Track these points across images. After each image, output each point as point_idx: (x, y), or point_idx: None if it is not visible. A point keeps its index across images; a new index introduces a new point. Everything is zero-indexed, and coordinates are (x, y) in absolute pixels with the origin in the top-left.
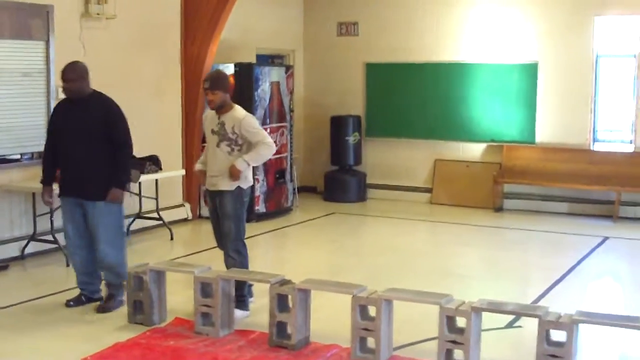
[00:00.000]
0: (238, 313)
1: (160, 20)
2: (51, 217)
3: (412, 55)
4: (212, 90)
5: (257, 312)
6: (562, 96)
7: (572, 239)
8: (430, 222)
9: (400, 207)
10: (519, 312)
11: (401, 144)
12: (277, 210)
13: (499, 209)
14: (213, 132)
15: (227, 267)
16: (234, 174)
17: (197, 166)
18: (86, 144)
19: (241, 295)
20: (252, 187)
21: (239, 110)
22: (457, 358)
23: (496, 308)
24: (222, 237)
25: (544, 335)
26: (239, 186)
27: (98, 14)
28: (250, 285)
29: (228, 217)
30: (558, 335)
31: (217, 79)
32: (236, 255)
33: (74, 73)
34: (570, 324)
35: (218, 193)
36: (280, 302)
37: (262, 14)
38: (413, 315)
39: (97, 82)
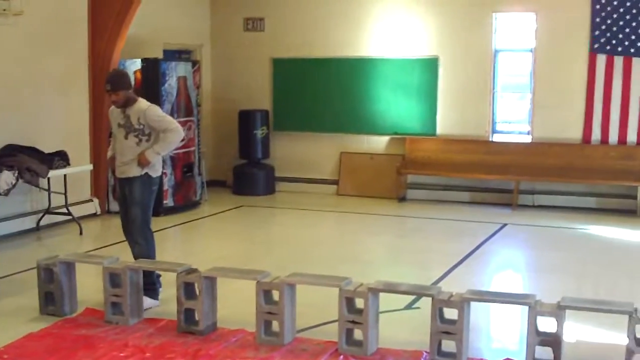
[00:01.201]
0: (147, 301)
1: (67, 15)
2: None
3: (318, 50)
4: (115, 92)
5: (166, 302)
6: (462, 89)
7: (472, 226)
8: (336, 213)
9: (308, 199)
10: (413, 292)
11: (308, 137)
12: (185, 204)
13: (402, 199)
14: (119, 125)
15: (134, 253)
16: (142, 162)
17: (109, 153)
18: None
19: (150, 283)
20: (161, 178)
21: (142, 102)
22: (357, 338)
23: (391, 288)
24: (129, 224)
25: (437, 313)
26: (147, 173)
27: (4, 9)
28: (159, 276)
29: (135, 204)
30: (451, 314)
31: (117, 79)
32: (143, 241)
33: None
34: (461, 302)
35: (127, 180)
36: (187, 290)
37: (169, 10)
38: (316, 299)
39: (4, 79)
